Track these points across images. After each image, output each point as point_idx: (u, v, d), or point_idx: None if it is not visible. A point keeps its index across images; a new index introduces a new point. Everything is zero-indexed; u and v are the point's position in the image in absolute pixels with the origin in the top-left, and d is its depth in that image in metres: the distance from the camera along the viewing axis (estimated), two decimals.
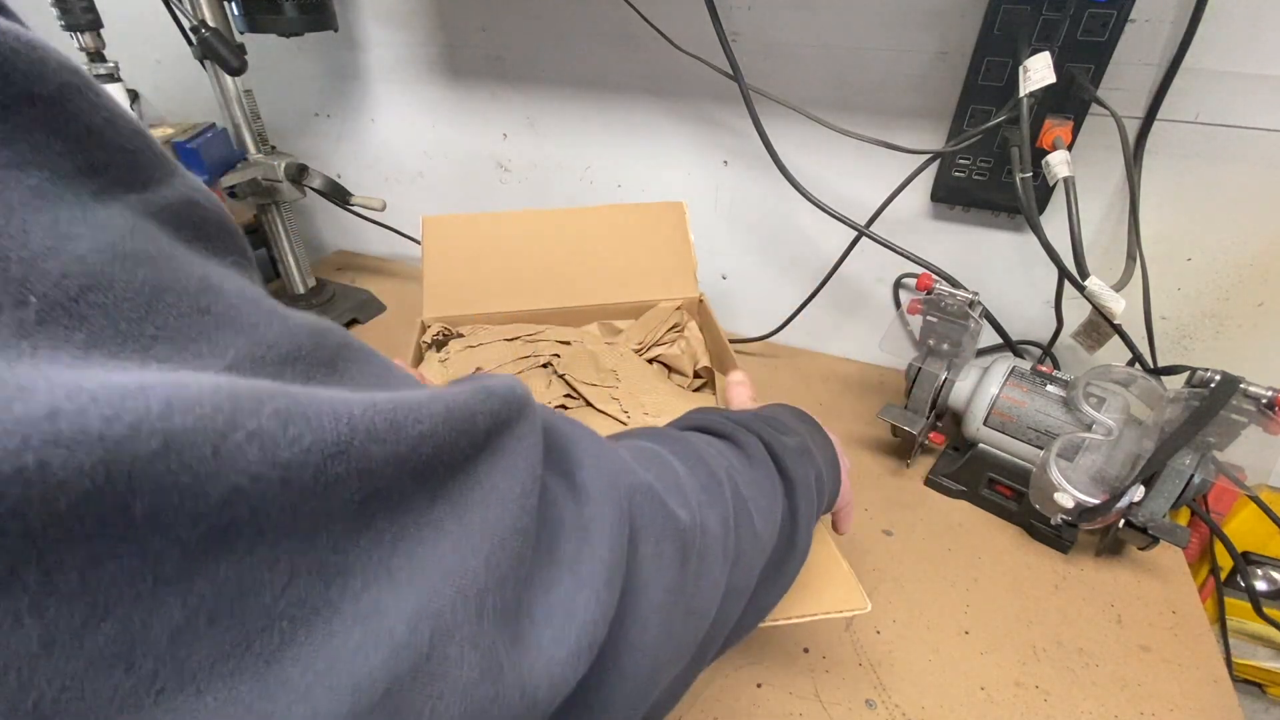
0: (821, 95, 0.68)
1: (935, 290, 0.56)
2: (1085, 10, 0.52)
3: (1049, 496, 0.47)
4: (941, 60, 0.62)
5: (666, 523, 0.21)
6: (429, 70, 0.86)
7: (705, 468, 0.27)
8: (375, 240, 1.02)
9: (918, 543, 0.54)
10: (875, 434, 0.65)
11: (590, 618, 0.17)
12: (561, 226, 0.66)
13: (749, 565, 0.27)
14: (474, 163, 0.92)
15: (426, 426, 0.13)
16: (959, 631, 0.47)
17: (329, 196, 0.77)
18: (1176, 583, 0.51)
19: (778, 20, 0.66)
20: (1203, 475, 0.46)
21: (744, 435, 0.32)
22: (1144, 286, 0.60)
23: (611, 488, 0.20)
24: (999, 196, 0.64)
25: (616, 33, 0.73)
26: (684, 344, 0.61)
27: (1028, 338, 0.71)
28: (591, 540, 0.18)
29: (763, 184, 0.76)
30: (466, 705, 0.14)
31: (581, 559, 0.18)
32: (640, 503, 0.20)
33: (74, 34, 0.63)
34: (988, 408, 0.54)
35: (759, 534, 0.28)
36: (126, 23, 0.92)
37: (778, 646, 0.46)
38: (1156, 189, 0.59)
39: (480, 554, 0.14)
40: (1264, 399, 0.44)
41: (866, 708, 0.42)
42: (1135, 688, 0.43)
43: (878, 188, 0.65)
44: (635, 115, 0.78)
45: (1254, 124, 0.54)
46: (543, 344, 0.60)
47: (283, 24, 0.69)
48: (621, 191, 0.86)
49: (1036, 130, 0.56)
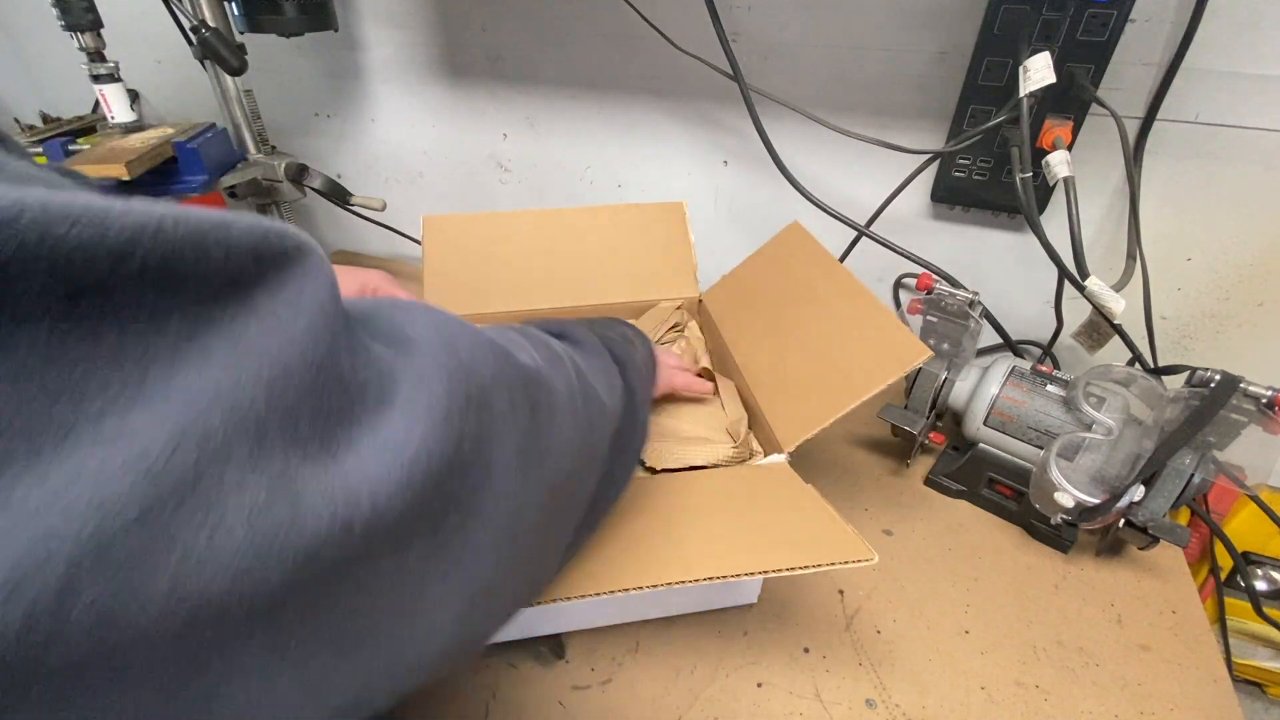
0: (821, 95, 0.68)
1: (935, 290, 0.56)
2: (1085, 10, 0.52)
3: (1049, 496, 0.47)
4: (941, 60, 0.62)
5: (516, 373, 0.22)
6: (429, 70, 0.86)
7: (547, 348, 0.29)
8: (375, 240, 1.02)
9: (918, 543, 0.54)
10: (875, 434, 0.65)
11: (425, 449, 0.17)
12: (562, 226, 0.66)
13: (599, 432, 0.30)
14: (474, 163, 0.92)
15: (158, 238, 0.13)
16: (959, 631, 0.47)
17: (329, 196, 0.77)
18: (1176, 583, 0.51)
19: (778, 20, 0.66)
20: (1203, 475, 0.46)
21: (578, 331, 0.37)
22: (1144, 286, 0.60)
23: (449, 345, 0.20)
24: (999, 196, 0.64)
25: (616, 33, 0.73)
26: (684, 344, 0.61)
27: (1028, 338, 0.71)
28: (427, 385, 0.18)
29: (763, 184, 0.76)
30: (255, 528, 0.13)
31: (416, 400, 0.18)
32: (483, 357, 0.21)
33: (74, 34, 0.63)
34: (988, 407, 0.54)
35: (604, 404, 0.31)
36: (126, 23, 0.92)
37: (778, 646, 0.46)
38: (1156, 189, 0.59)
39: (260, 382, 0.14)
40: (1264, 399, 0.44)
41: (866, 708, 0.42)
42: (1135, 687, 0.43)
43: (878, 188, 0.66)
44: (635, 115, 0.79)
45: (1254, 124, 0.54)
46: None
47: (283, 24, 0.69)
48: (621, 191, 0.86)
49: (1036, 130, 0.56)
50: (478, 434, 0.19)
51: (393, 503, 0.16)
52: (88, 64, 0.65)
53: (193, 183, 0.67)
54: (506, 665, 0.44)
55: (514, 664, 0.44)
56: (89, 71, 0.66)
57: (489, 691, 0.43)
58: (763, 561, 0.35)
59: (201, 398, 0.13)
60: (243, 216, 0.15)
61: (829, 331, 0.48)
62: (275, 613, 0.14)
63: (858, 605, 0.49)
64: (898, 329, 0.43)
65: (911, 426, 0.56)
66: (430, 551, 0.18)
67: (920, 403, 0.57)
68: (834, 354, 0.46)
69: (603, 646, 0.45)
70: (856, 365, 0.44)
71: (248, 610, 0.14)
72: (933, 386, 0.56)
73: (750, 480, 0.45)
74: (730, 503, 0.43)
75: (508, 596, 0.25)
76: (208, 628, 0.13)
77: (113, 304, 0.12)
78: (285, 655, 0.15)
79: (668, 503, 0.43)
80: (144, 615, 0.12)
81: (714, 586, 0.46)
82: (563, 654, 0.45)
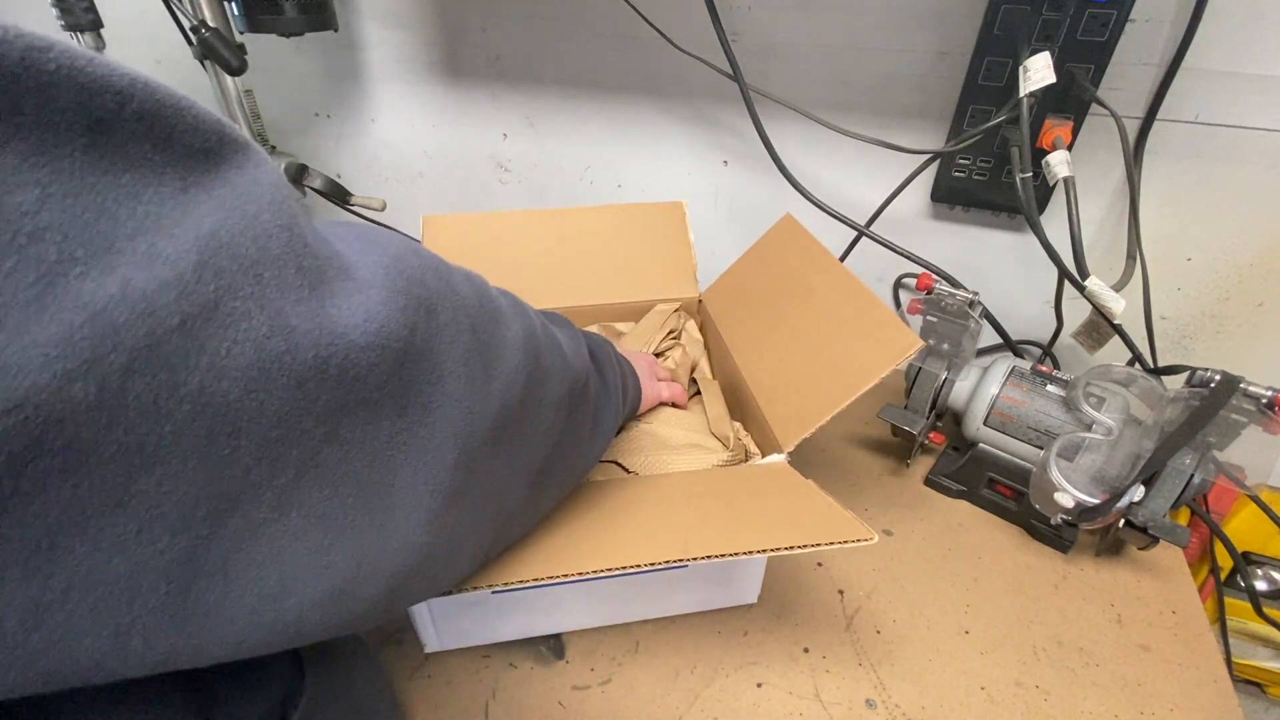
0: (821, 95, 0.68)
1: (935, 290, 0.56)
2: (1085, 10, 0.52)
3: (1049, 496, 0.47)
4: (941, 60, 0.62)
5: (456, 297, 0.24)
6: (429, 70, 0.86)
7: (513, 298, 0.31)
8: None
9: (918, 543, 0.54)
10: (875, 434, 0.65)
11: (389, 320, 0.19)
12: (562, 226, 0.66)
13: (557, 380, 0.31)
14: (474, 163, 0.92)
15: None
16: (959, 631, 0.47)
17: (329, 196, 0.77)
18: (1176, 583, 0.51)
19: (778, 20, 0.66)
20: (1203, 475, 0.46)
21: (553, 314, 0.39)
22: (1144, 286, 0.60)
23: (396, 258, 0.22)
24: (999, 196, 0.64)
25: (616, 33, 0.73)
26: (679, 353, 0.61)
27: (1028, 338, 0.71)
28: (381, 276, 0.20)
29: (763, 184, 0.76)
30: (260, 354, 0.16)
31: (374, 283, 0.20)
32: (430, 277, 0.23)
33: (74, 34, 0.63)
34: (988, 408, 0.54)
35: (566, 357, 0.33)
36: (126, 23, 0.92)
37: (778, 646, 0.46)
38: (1156, 189, 0.59)
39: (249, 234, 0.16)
40: (1264, 399, 0.44)
41: (866, 708, 0.42)
42: (1135, 688, 0.43)
43: (878, 188, 0.66)
44: (635, 115, 0.79)
45: (1254, 124, 0.54)
46: None
47: (283, 24, 0.69)
48: (621, 192, 0.86)
49: (1036, 130, 0.56)
50: (427, 331, 0.21)
51: (366, 355, 0.19)
52: None
53: None
54: (506, 665, 0.44)
55: (514, 664, 0.44)
56: None
57: (489, 691, 0.43)
58: (762, 541, 0.34)
59: (210, 238, 0.15)
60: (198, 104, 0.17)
61: (823, 326, 0.48)
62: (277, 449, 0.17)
63: (858, 605, 0.49)
64: (890, 321, 0.43)
65: (911, 426, 0.56)
66: (397, 431, 0.21)
67: (920, 403, 0.57)
68: (829, 349, 0.46)
69: (603, 646, 0.45)
70: (851, 360, 0.44)
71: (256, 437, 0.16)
72: (933, 386, 0.56)
73: (750, 477, 0.45)
74: (730, 494, 0.43)
75: (472, 526, 0.26)
76: (224, 443, 0.16)
77: (122, 142, 0.14)
78: (287, 515, 0.18)
79: (666, 496, 0.43)
80: (180, 410, 0.15)
81: (714, 584, 0.46)
82: (563, 654, 0.45)
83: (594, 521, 0.38)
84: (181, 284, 0.14)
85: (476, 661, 0.44)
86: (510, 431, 0.27)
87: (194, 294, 0.15)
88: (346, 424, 0.19)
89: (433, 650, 0.44)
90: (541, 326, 0.32)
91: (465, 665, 0.44)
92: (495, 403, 0.25)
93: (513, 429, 0.27)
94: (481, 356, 0.25)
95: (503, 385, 0.26)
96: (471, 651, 0.45)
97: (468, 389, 0.24)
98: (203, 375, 0.15)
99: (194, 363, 0.15)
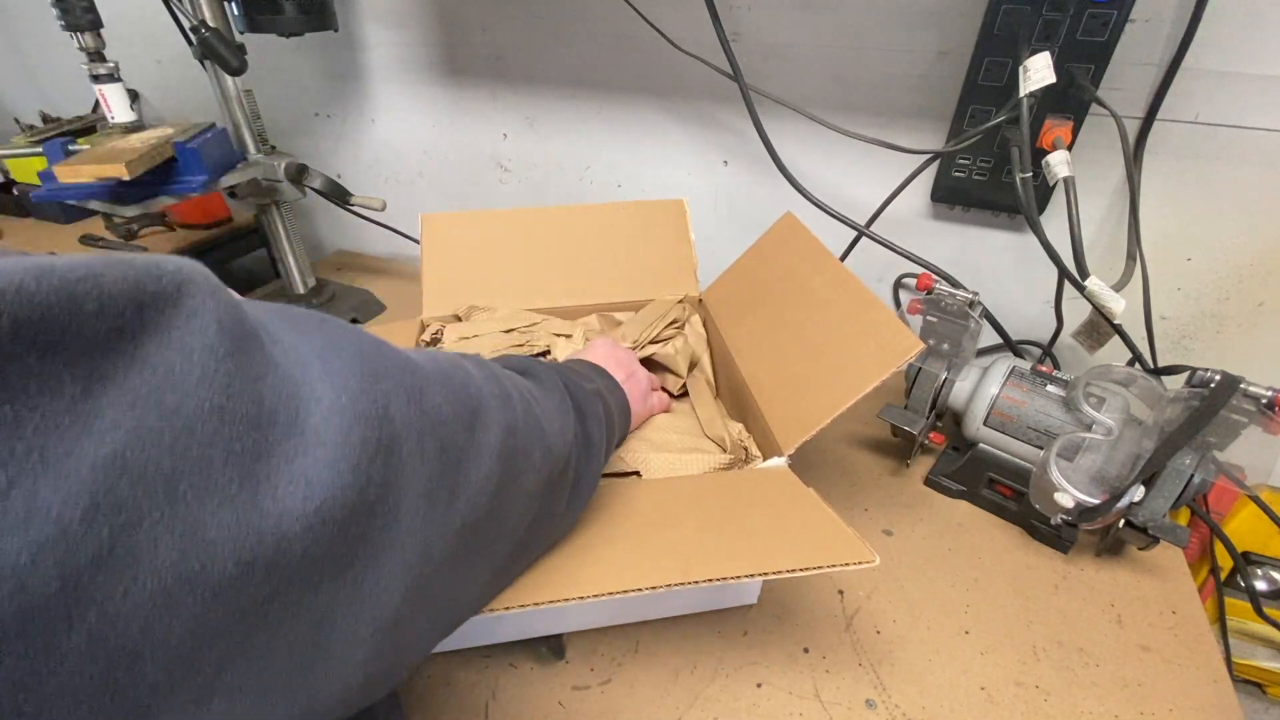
0: (822, 95, 0.68)
1: (935, 290, 0.56)
2: (1085, 10, 0.52)
3: (1049, 496, 0.47)
4: (941, 60, 0.62)
5: (424, 418, 0.22)
6: (429, 70, 0.86)
7: (498, 383, 0.29)
8: (375, 240, 1.02)
9: (918, 543, 0.54)
10: (875, 434, 0.65)
11: (333, 494, 0.17)
12: (561, 224, 0.65)
13: (536, 472, 0.30)
14: (474, 163, 0.92)
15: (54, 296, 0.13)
16: (959, 631, 0.47)
17: (329, 196, 0.77)
18: (1176, 583, 0.51)
19: (778, 20, 0.66)
20: (1203, 475, 0.46)
21: (542, 371, 0.37)
22: (1144, 286, 0.60)
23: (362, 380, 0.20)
24: (999, 196, 0.64)
25: (616, 33, 0.73)
26: (680, 342, 0.61)
27: (1028, 338, 0.71)
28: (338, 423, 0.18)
29: (763, 184, 0.76)
30: (166, 581, 0.14)
31: (327, 438, 0.18)
32: (396, 399, 0.21)
33: (74, 34, 0.63)
34: (988, 408, 0.54)
35: (551, 447, 0.31)
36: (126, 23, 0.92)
37: (778, 646, 0.46)
38: (1156, 189, 0.59)
39: (164, 441, 0.14)
40: (1264, 399, 0.44)
41: (866, 708, 0.42)
42: (1135, 688, 0.43)
43: (878, 188, 0.66)
44: (635, 115, 0.79)
45: (1254, 124, 0.54)
46: (539, 334, 0.60)
47: (283, 24, 0.69)
48: (621, 192, 0.86)
49: (1036, 130, 0.56)
50: (384, 479, 0.20)
51: (303, 539, 0.17)
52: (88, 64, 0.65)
53: (192, 183, 0.67)
54: (506, 665, 0.44)
55: (514, 664, 0.44)
56: (89, 71, 0.66)
57: (489, 691, 0.43)
58: (762, 563, 0.34)
59: (108, 465, 0.13)
60: (115, 262, 0.14)
61: (823, 327, 0.48)
62: (190, 659, 0.15)
63: (857, 605, 0.49)
64: (890, 323, 0.43)
65: (911, 427, 0.56)
66: (338, 589, 0.19)
67: (920, 403, 0.57)
68: (829, 351, 0.46)
69: (603, 646, 0.45)
70: (851, 362, 0.44)
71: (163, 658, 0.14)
72: (933, 386, 0.56)
73: (750, 484, 0.45)
74: (730, 505, 0.43)
75: (422, 631, 0.25)
76: (122, 674, 0.13)
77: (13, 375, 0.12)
78: (208, 705, 0.16)
79: (666, 504, 0.43)
80: (62, 668, 0.12)
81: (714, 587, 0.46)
82: (563, 654, 0.45)
83: (594, 536, 0.38)
84: (65, 540, 0.12)
85: (476, 661, 0.44)
86: (473, 542, 0.26)
87: (81, 548, 0.12)
88: (276, 607, 0.17)
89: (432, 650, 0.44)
90: (524, 413, 0.30)
91: (465, 665, 0.44)
92: (458, 521, 0.24)
93: (477, 539, 0.26)
94: (447, 480, 0.23)
95: (469, 502, 0.24)
96: (471, 651, 0.45)
97: (426, 520, 0.22)
98: (90, 627, 0.13)
99: (77, 621, 0.13)
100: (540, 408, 0.32)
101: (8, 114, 1.19)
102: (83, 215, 1.02)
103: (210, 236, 0.98)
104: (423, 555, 0.22)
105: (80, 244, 0.95)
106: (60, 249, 0.92)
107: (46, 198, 0.63)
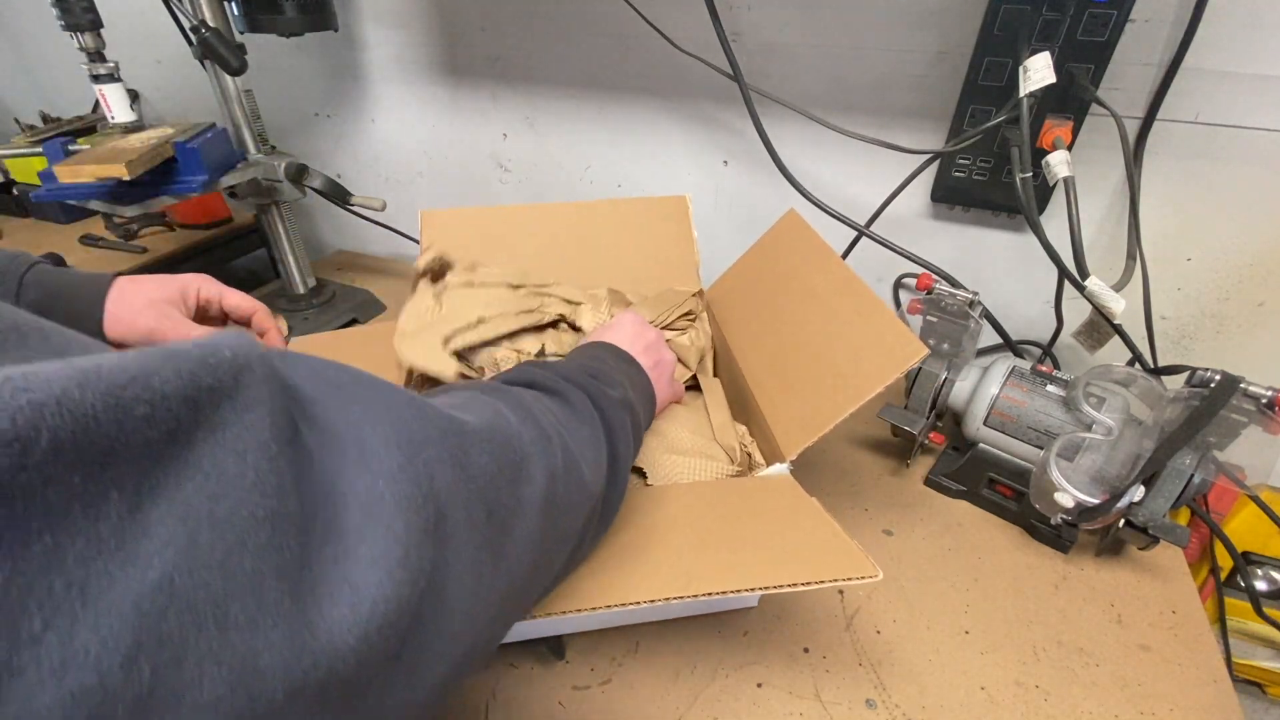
0: (821, 95, 0.68)
1: (935, 290, 0.56)
2: (1085, 10, 0.52)
3: (1049, 496, 0.47)
4: (941, 60, 0.62)
5: (472, 485, 0.21)
6: (429, 70, 0.86)
7: (536, 425, 0.28)
8: (375, 240, 1.02)
9: (918, 543, 0.54)
10: (875, 434, 0.65)
11: (383, 594, 0.16)
12: (562, 221, 0.65)
13: (575, 513, 0.29)
14: (474, 163, 0.92)
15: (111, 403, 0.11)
16: (959, 631, 0.47)
17: (329, 196, 0.77)
18: (1176, 583, 0.51)
19: (778, 20, 0.66)
20: (1203, 475, 0.46)
21: (571, 391, 0.34)
22: (1144, 286, 0.60)
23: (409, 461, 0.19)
24: (999, 196, 0.64)
25: (616, 33, 0.73)
26: (694, 334, 0.60)
27: (1028, 338, 0.71)
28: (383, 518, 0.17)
29: (763, 184, 0.76)
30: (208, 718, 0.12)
31: (373, 539, 0.16)
32: (440, 469, 0.20)
33: (74, 34, 0.63)
34: (988, 408, 0.54)
35: (587, 484, 0.30)
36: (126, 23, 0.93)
37: (778, 646, 0.46)
38: (1156, 189, 0.59)
39: (215, 559, 0.13)
40: (1264, 399, 0.44)
41: (866, 708, 0.42)
42: (1135, 688, 0.43)
43: (878, 188, 0.66)
44: (635, 115, 0.79)
45: (1254, 124, 0.54)
46: (550, 300, 0.57)
47: (283, 24, 0.69)
48: (621, 191, 0.86)
49: (1036, 130, 0.56)
50: (433, 561, 0.18)
51: (355, 656, 0.15)
52: (88, 64, 0.65)
53: (192, 183, 0.67)
54: (506, 665, 0.44)
55: (514, 664, 0.44)
56: (89, 71, 0.66)
57: (489, 691, 0.43)
58: (764, 577, 0.34)
59: (155, 593, 0.12)
60: (169, 354, 0.13)
61: (826, 329, 0.48)
62: None
63: (858, 605, 0.49)
64: (894, 326, 0.43)
65: (911, 427, 0.56)
66: (387, 679, 0.18)
67: (920, 403, 0.57)
68: (832, 353, 0.46)
69: (602, 647, 0.45)
70: (854, 366, 0.44)
71: None
72: (933, 386, 0.56)
73: (752, 492, 0.45)
74: (732, 515, 0.43)
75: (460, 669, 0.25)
76: None
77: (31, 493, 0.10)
78: None
79: (668, 512, 0.42)
80: None
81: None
82: (563, 654, 0.45)
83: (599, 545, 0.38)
84: (103, 689, 0.11)
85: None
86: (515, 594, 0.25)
87: (120, 695, 0.11)
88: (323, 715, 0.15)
89: None
90: (562, 453, 0.28)
91: None
92: (504, 584, 0.23)
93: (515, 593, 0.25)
94: (493, 545, 0.22)
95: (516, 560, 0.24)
96: None
97: (473, 593, 0.21)
98: None
99: None
100: (574, 438, 0.31)
101: (8, 114, 1.19)
102: (83, 215, 1.02)
103: (210, 236, 0.98)
104: (467, 621, 0.21)
105: (80, 244, 0.95)
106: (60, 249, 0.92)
107: (46, 198, 0.63)
